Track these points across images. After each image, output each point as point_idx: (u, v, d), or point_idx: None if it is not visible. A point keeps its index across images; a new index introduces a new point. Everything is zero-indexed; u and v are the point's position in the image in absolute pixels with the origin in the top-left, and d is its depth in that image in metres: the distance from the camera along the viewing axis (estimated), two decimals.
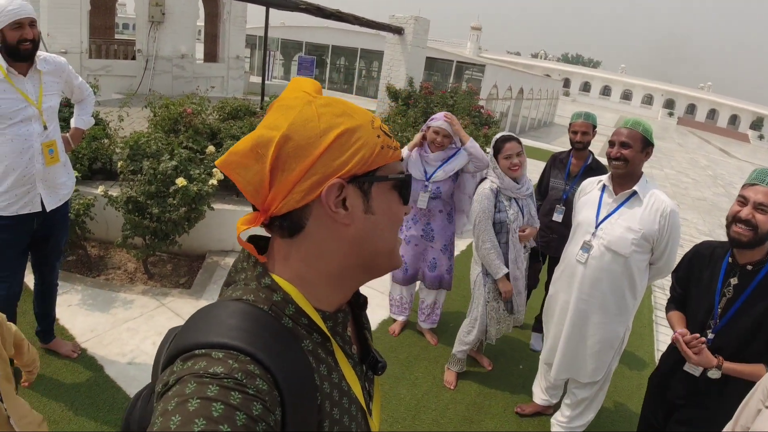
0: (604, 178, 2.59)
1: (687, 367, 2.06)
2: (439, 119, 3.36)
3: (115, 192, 3.91)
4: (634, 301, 2.53)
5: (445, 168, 3.36)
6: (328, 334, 0.71)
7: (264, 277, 0.69)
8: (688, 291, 2.21)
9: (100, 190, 3.87)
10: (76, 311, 3.52)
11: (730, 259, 2.04)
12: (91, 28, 11.32)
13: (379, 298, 4.28)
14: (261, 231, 0.75)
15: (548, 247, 3.67)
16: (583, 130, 3.48)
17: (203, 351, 0.58)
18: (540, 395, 3.09)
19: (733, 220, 1.93)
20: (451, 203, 3.54)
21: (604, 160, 3.04)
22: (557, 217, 3.58)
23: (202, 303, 3.87)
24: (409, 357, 3.53)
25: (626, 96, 66.03)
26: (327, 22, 15.07)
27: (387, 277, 4.49)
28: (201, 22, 15.63)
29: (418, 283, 3.75)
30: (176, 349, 0.60)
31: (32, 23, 2.39)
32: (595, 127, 3.53)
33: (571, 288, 2.61)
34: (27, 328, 2.98)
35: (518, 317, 3.19)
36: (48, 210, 2.65)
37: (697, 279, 2.16)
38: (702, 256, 2.17)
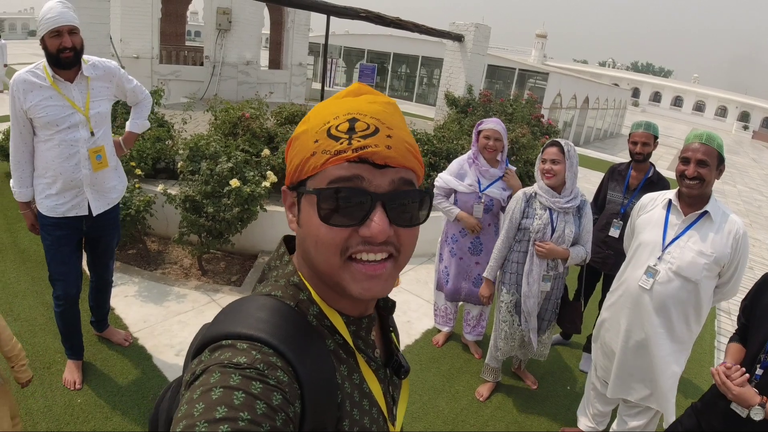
0: (670, 195, 2.38)
1: (734, 406, 1.85)
2: (490, 122, 3.21)
3: (174, 191, 4.07)
4: (698, 327, 2.35)
5: (501, 185, 3.29)
6: (349, 339, 0.71)
7: (293, 276, 0.72)
8: (750, 322, 2.00)
9: (160, 188, 4.05)
10: (132, 302, 3.69)
11: None
12: (163, 35, 11.94)
13: (426, 307, 4.23)
14: None
15: (604, 264, 3.49)
16: (643, 140, 3.29)
17: (229, 342, 0.60)
18: (585, 421, 2.93)
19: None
20: (499, 216, 3.41)
21: (666, 173, 2.84)
22: (614, 232, 3.39)
23: None
24: (451, 369, 3.46)
25: (699, 107, 62.51)
26: (389, 30, 15.17)
27: (430, 283, 4.44)
28: (266, 30, 16.16)
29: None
30: (205, 339, 0.62)
31: (72, 31, 2.37)
32: (656, 137, 3.34)
33: (633, 315, 2.41)
34: (83, 316, 3.13)
35: (534, 345, 2.95)
36: (95, 214, 2.67)
37: (760, 308, 1.95)
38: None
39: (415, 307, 4.24)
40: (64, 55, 2.35)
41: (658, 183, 3.31)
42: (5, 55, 14.18)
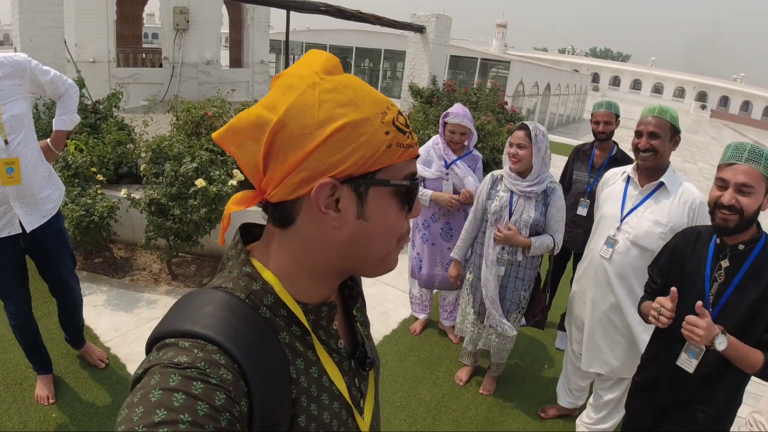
0: (629, 169, 2.46)
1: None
2: (456, 114, 3.20)
3: (138, 195, 3.97)
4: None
5: (466, 169, 3.31)
6: (308, 328, 0.68)
7: (246, 265, 0.67)
8: (669, 283, 1.89)
9: (123, 193, 3.94)
10: (101, 311, 3.59)
11: (717, 240, 1.80)
12: (119, 38, 11.62)
13: (403, 298, 4.24)
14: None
15: (573, 242, 3.56)
16: (605, 119, 3.38)
17: (172, 340, 0.57)
18: (565, 397, 2.99)
19: (714, 206, 1.71)
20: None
21: (630, 153, 2.89)
22: (582, 210, 3.47)
23: None
24: (430, 357, 3.48)
25: (657, 89, 64.33)
26: (351, 25, 15.10)
27: (407, 274, 4.46)
28: (225, 29, 15.88)
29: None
30: (153, 336, 0.60)
31: None
32: (618, 116, 3.42)
33: (597, 284, 2.49)
34: (56, 331, 3.03)
35: (498, 328, 2.84)
36: (28, 230, 2.39)
37: (680, 268, 1.90)
38: (686, 241, 1.93)
39: (392, 297, 4.24)
40: None
41: (621, 160, 3.38)
42: None
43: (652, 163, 2.29)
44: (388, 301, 4.18)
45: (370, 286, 4.37)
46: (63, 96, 2.52)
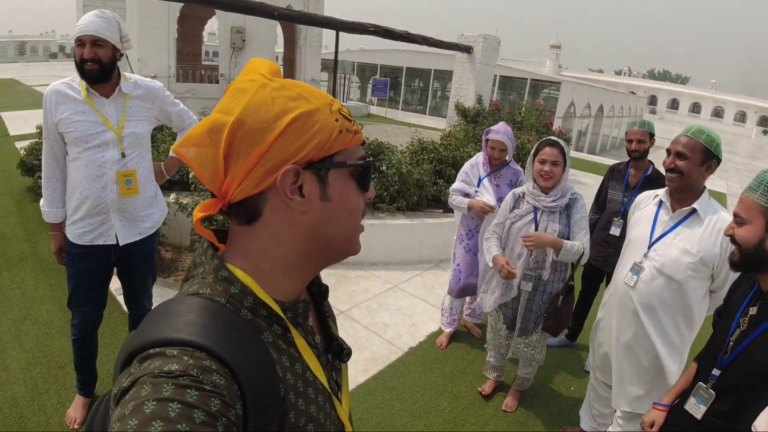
0: (661, 193, 2.36)
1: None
2: (497, 131, 3.35)
3: (186, 200, 4.23)
4: (689, 332, 2.27)
5: (492, 188, 3.43)
6: (289, 325, 0.71)
7: (221, 270, 0.68)
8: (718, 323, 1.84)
9: (172, 198, 4.21)
10: None
11: (757, 285, 1.65)
12: (180, 55, 12.31)
13: (432, 311, 4.29)
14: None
15: (606, 262, 3.52)
16: (638, 138, 3.35)
17: (158, 350, 0.57)
18: (588, 421, 2.90)
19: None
20: None
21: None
22: (615, 230, 3.44)
23: None
24: (454, 370, 3.51)
25: (717, 113, 61.62)
26: (401, 45, 15.38)
27: (442, 291, 4.52)
28: (280, 48, 16.52)
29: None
30: (132, 348, 0.59)
31: (96, 42, 2.18)
32: (652, 135, 3.39)
33: (622, 313, 2.38)
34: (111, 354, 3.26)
35: (516, 346, 2.94)
36: (121, 244, 2.44)
37: (725, 303, 1.81)
38: (742, 276, 1.80)
39: (421, 311, 4.30)
40: (87, 66, 2.18)
41: (657, 180, 3.34)
42: None
43: (676, 185, 2.18)
44: (417, 314, 4.24)
45: (401, 299, 4.46)
46: (186, 129, 2.68)
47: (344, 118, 0.70)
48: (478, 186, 3.48)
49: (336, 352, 0.82)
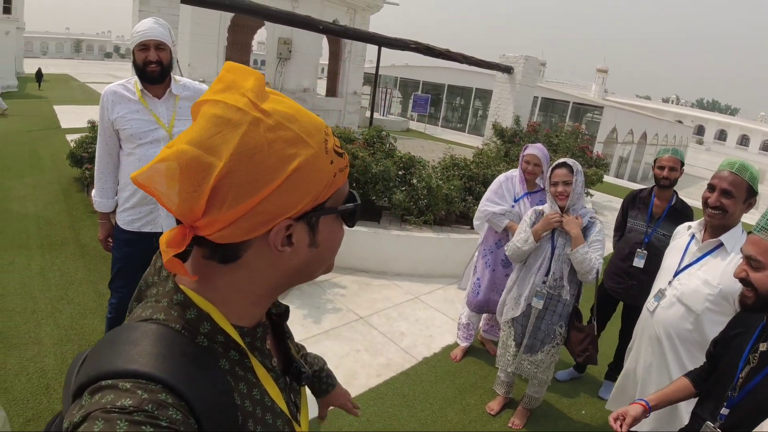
0: (695, 224, 2.36)
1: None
2: (534, 147, 3.45)
3: None
4: None
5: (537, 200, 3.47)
6: (246, 351, 0.68)
7: (176, 293, 0.65)
8: (720, 355, 1.78)
9: None
10: None
11: (766, 320, 1.62)
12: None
13: (450, 325, 4.33)
14: None
15: (626, 294, 3.42)
16: (670, 165, 3.22)
17: (110, 382, 0.54)
18: None
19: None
20: None
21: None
22: (638, 262, 3.31)
23: None
24: (465, 384, 3.54)
25: (766, 147, 59.35)
26: (444, 63, 15.52)
27: (459, 303, 4.55)
28: (324, 60, 16.91)
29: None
30: (84, 379, 0.56)
31: (159, 46, 2.39)
32: (683, 163, 3.34)
33: (643, 339, 2.40)
34: None
35: (521, 363, 2.96)
36: (164, 231, 2.78)
37: (730, 339, 1.76)
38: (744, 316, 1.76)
39: (439, 323, 4.34)
40: (149, 68, 2.39)
41: (682, 210, 3.28)
42: None
43: (718, 222, 2.16)
44: (435, 326, 4.29)
45: (420, 311, 4.52)
46: None
47: (338, 156, 0.66)
48: (514, 203, 3.52)
49: (294, 375, 0.81)
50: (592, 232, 2.77)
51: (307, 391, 0.97)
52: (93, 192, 2.68)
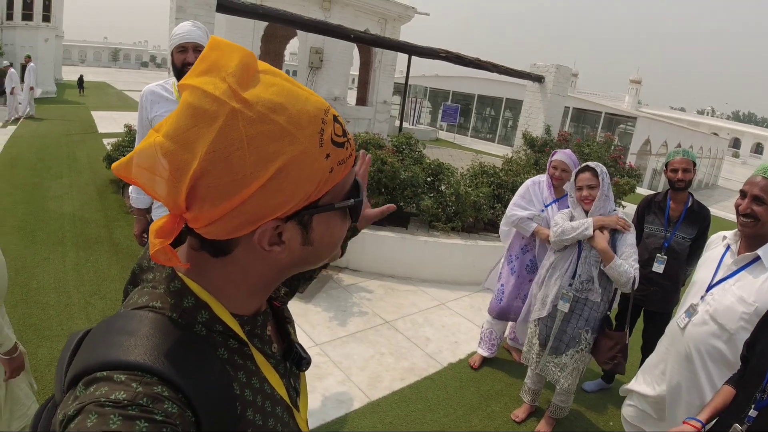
0: (730, 235, 2.25)
1: None
2: (562, 152, 3.42)
3: None
4: None
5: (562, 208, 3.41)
6: (245, 339, 0.66)
7: (173, 281, 0.63)
8: (750, 358, 1.76)
9: None
10: None
11: None
12: None
13: (476, 332, 4.28)
14: None
15: (648, 301, 3.36)
16: (683, 166, 3.18)
17: (105, 373, 0.52)
18: None
19: None
20: None
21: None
22: (658, 267, 3.26)
23: (310, 307, 4.26)
24: (490, 391, 3.49)
25: None
26: (474, 72, 15.51)
27: (483, 310, 4.50)
28: (355, 70, 17.09)
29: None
30: (78, 369, 0.55)
31: (197, 49, 2.43)
32: (695, 164, 3.25)
33: (671, 355, 2.30)
34: None
35: (544, 365, 2.92)
36: None
37: (762, 342, 1.72)
38: None
39: (465, 330, 4.30)
40: (186, 70, 2.39)
41: (699, 211, 3.23)
42: (33, 79, 14.26)
43: (751, 230, 2.04)
44: (461, 333, 4.25)
45: (446, 317, 4.49)
46: None
47: (336, 147, 0.59)
48: (543, 210, 3.48)
49: (295, 361, 0.78)
50: (622, 237, 2.73)
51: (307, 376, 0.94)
52: (130, 188, 2.77)
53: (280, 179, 0.54)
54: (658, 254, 3.27)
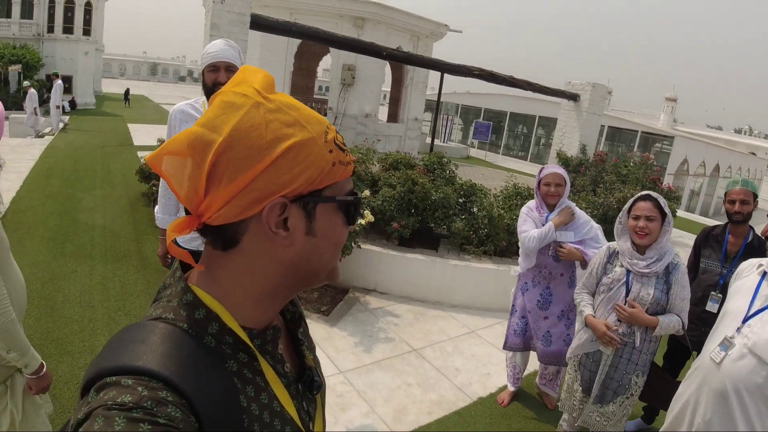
0: (766, 263, 2.12)
1: None
2: (550, 168, 3.17)
3: None
4: None
5: (572, 228, 3.19)
6: (256, 353, 0.67)
7: (186, 294, 0.65)
8: None
9: None
10: None
11: None
12: (294, 87, 13.14)
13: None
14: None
15: (699, 342, 3.05)
16: (741, 198, 2.97)
17: (114, 378, 0.55)
18: None
19: None
20: (574, 266, 3.26)
21: None
22: (712, 306, 3.03)
23: (335, 331, 4.13)
24: (523, 429, 3.29)
25: None
26: (506, 90, 15.26)
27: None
28: (387, 87, 17.11)
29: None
30: (91, 375, 0.57)
31: (229, 68, 2.39)
32: (756, 195, 3.02)
33: (703, 391, 2.13)
34: None
35: (589, 413, 2.70)
36: None
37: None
38: None
39: (496, 360, 4.11)
40: (217, 89, 2.56)
41: (759, 247, 2.98)
42: (59, 97, 14.22)
43: None
44: (492, 364, 4.05)
45: (476, 346, 4.30)
46: None
47: (338, 149, 0.67)
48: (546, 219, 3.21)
49: (306, 383, 0.78)
50: (678, 275, 2.51)
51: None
52: (156, 208, 2.70)
53: (289, 157, 0.61)
54: (712, 292, 3.04)
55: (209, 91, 2.41)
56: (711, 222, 14.69)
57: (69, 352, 3.36)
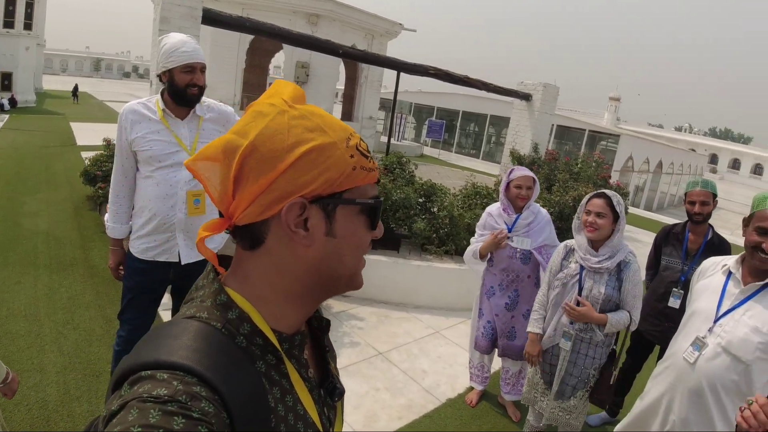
0: (731, 262, 2.15)
1: None
2: (520, 170, 3.13)
3: None
4: None
5: (532, 235, 3.18)
6: (284, 356, 0.69)
7: (220, 294, 0.67)
8: None
9: None
10: None
11: None
12: (246, 85, 12.81)
13: None
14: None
15: (663, 337, 3.16)
16: (701, 199, 3.06)
17: (149, 372, 0.56)
18: None
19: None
20: (539, 266, 3.25)
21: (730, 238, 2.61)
22: (674, 302, 3.12)
23: None
24: (492, 430, 3.29)
25: None
26: (459, 89, 15.44)
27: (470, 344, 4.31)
28: (341, 85, 17.00)
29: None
30: (124, 370, 0.58)
31: (203, 69, 2.31)
32: (715, 196, 3.12)
33: (677, 390, 2.16)
34: None
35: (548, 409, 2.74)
36: (183, 263, 2.42)
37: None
38: None
39: (463, 360, 4.10)
40: (191, 91, 2.26)
41: (719, 245, 3.09)
42: None
43: None
44: (459, 364, 4.05)
45: (442, 346, 4.29)
46: None
47: (360, 155, 0.69)
48: (510, 230, 3.20)
49: (328, 390, 0.79)
50: (629, 272, 2.54)
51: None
52: (106, 216, 2.50)
53: (309, 158, 0.64)
54: (674, 288, 3.13)
55: (178, 92, 2.26)
56: (655, 216, 15.36)
57: (17, 371, 3.04)
